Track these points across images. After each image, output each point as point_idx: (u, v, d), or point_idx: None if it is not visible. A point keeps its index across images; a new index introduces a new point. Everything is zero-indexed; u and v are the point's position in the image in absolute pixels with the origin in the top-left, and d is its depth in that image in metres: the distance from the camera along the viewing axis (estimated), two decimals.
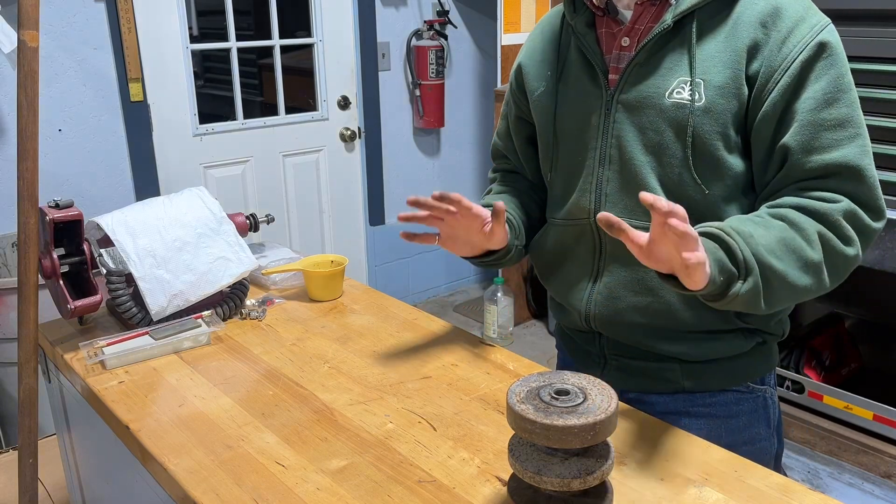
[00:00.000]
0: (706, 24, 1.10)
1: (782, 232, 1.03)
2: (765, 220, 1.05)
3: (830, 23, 1.11)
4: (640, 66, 1.14)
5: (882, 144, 2.31)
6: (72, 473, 1.81)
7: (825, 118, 1.06)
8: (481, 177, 4.27)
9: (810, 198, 1.06)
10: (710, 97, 1.09)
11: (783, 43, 1.06)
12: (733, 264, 1.00)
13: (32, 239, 1.50)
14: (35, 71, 1.45)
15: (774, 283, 1.02)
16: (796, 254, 1.03)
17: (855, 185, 1.07)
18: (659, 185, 1.14)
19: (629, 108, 1.15)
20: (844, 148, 1.06)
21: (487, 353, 1.49)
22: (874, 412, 2.56)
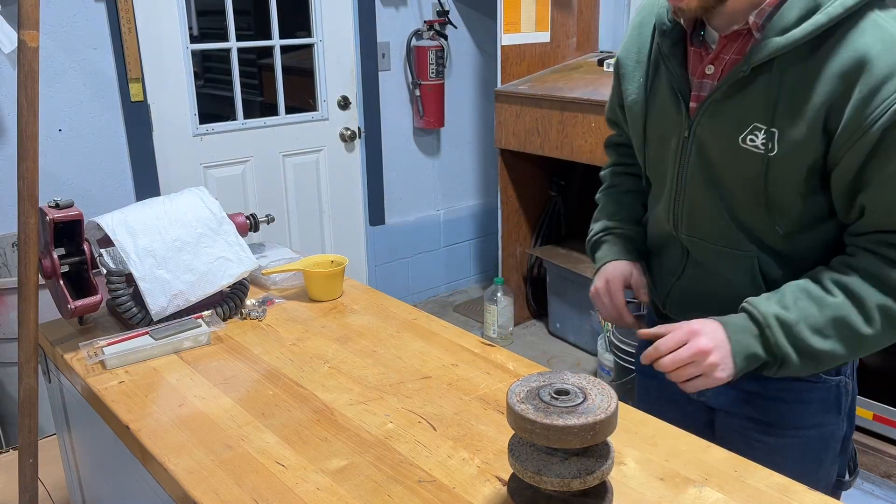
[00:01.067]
0: (787, 71, 1.03)
1: (837, 310, 1.06)
2: (822, 297, 1.07)
3: None
4: (717, 103, 1.11)
5: None
6: (72, 473, 1.81)
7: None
8: (481, 177, 4.27)
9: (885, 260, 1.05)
10: (783, 148, 1.05)
11: (865, 103, 0.98)
12: (767, 352, 1.08)
13: (32, 239, 1.50)
14: (35, 71, 1.45)
15: (823, 358, 1.07)
16: (849, 330, 1.06)
17: None
18: (730, 220, 1.16)
19: (704, 140, 1.14)
20: None
21: (487, 353, 1.49)
22: (874, 412, 2.56)
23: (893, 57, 0.97)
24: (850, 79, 0.99)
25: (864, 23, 0.99)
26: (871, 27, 0.99)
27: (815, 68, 1.01)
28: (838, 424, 1.27)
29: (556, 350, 3.63)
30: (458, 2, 3.84)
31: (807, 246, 1.16)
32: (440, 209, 4.15)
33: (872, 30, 0.98)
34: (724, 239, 1.18)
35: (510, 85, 3.42)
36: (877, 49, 0.97)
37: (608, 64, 3.28)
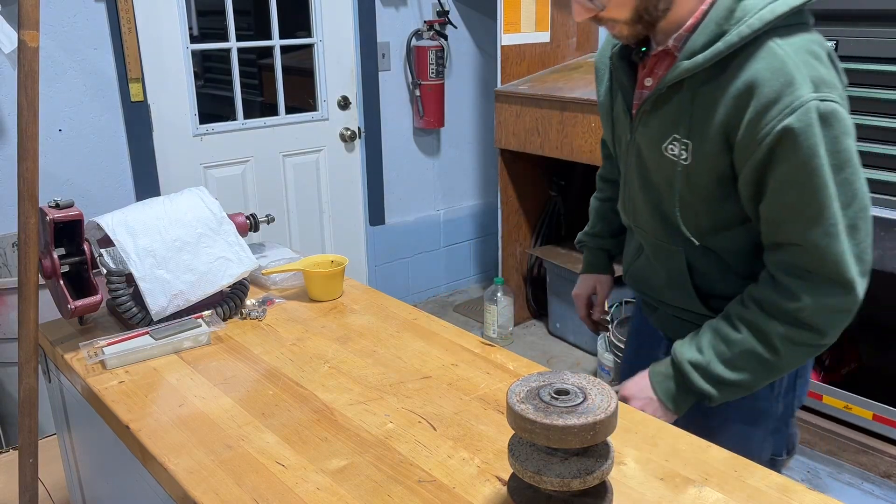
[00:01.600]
0: (697, 91, 1.14)
1: (743, 345, 1.19)
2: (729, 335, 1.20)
3: (809, 101, 1.05)
4: (647, 114, 1.23)
5: (882, 144, 2.31)
6: (72, 473, 1.81)
7: (787, 201, 1.11)
8: (481, 177, 4.27)
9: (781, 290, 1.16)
10: (696, 159, 1.17)
11: (753, 123, 1.08)
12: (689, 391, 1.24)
13: (33, 239, 1.50)
14: (35, 71, 1.45)
15: (742, 385, 1.22)
16: (756, 361, 1.19)
17: (819, 264, 1.14)
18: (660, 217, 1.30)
19: (641, 145, 1.27)
20: (806, 232, 1.12)
21: (487, 353, 1.49)
22: (874, 412, 2.56)
23: (779, 82, 1.06)
24: (743, 101, 1.09)
25: (761, 50, 1.08)
26: (766, 54, 1.07)
27: (718, 89, 1.11)
28: (770, 403, 1.36)
29: (556, 350, 3.63)
30: (458, 2, 3.84)
31: (726, 245, 1.26)
32: (440, 209, 4.15)
33: (766, 56, 1.07)
34: (657, 233, 1.32)
35: (510, 85, 3.42)
36: (765, 75, 1.06)
37: None
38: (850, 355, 2.99)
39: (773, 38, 1.08)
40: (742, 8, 1.09)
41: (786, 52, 1.07)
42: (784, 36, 1.09)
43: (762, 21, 1.07)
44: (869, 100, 2.31)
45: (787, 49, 1.07)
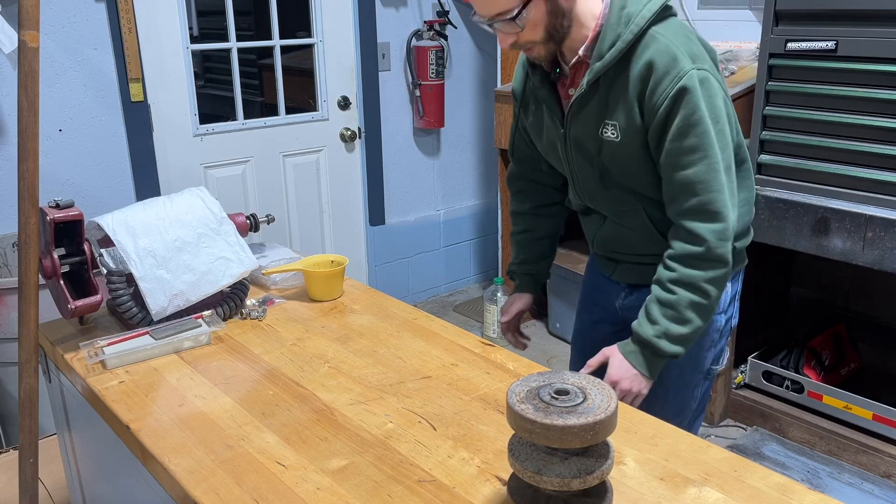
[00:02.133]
0: (611, 82, 1.44)
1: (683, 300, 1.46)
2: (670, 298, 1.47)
3: (692, 69, 1.38)
4: (577, 113, 1.51)
5: (882, 144, 2.31)
6: (72, 473, 1.81)
7: (681, 146, 1.41)
8: (481, 177, 4.27)
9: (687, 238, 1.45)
10: (623, 134, 1.46)
11: (653, 93, 1.40)
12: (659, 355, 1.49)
13: (33, 239, 1.50)
14: (35, 71, 1.45)
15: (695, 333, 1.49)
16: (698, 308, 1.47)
17: (706, 198, 1.42)
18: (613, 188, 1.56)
19: (578, 137, 1.53)
20: (696, 169, 1.41)
21: (487, 353, 1.49)
22: (874, 412, 2.56)
23: (666, 60, 1.38)
24: (644, 79, 1.40)
25: (647, 38, 1.40)
26: (652, 42, 1.40)
27: (625, 76, 1.42)
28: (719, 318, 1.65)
29: (556, 350, 3.63)
30: (458, 2, 3.84)
31: None
32: (440, 209, 4.15)
33: (653, 43, 1.39)
34: (616, 201, 1.58)
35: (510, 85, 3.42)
36: (656, 57, 1.38)
37: None
38: (850, 356, 2.99)
39: (654, 28, 1.40)
40: (627, 14, 1.41)
41: (666, 37, 1.40)
42: (660, 25, 1.41)
43: (645, 19, 1.40)
44: (869, 100, 2.32)
45: (667, 34, 1.40)
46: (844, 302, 3.17)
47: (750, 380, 2.90)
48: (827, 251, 2.42)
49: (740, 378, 2.91)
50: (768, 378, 2.84)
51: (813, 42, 2.39)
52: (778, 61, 2.49)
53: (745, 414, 2.91)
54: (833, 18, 2.36)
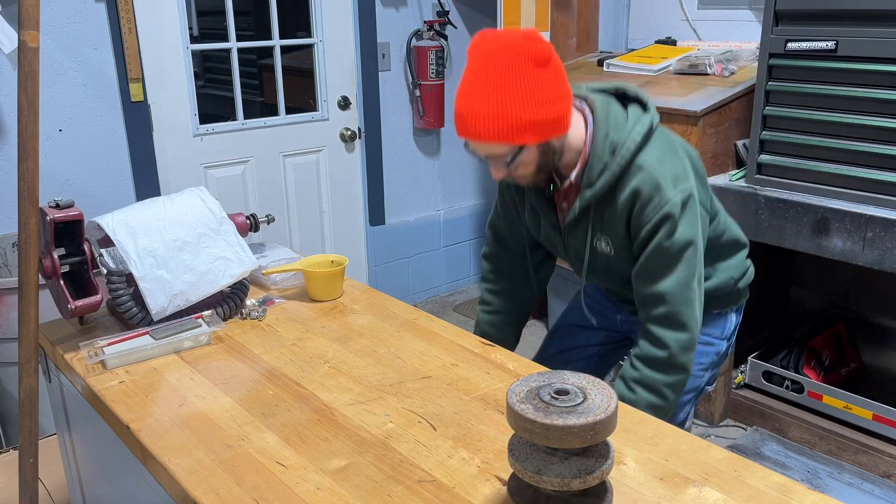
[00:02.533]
0: (602, 206, 1.56)
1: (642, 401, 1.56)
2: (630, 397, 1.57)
3: (674, 197, 1.48)
4: (572, 229, 1.64)
5: (882, 144, 2.31)
6: (72, 473, 1.81)
7: (658, 261, 1.53)
8: (481, 177, 4.27)
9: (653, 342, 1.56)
10: (616, 247, 1.59)
11: (639, 216, 1.51)
12: None
13: (33, 239, 1.50)
14: (35, 71, 1.45)
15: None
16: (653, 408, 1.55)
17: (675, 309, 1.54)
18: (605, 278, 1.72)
19: (574, 247, 1.68)
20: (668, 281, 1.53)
21: (487, 353, 1.49)
22: (874, 412, 2.56)
23: (650, 189, 1.48)
24: (630, 205, 1.51)
25: (633, 168, 1.50)
26: (637, 170, 1.49)
27: (614, 201, 1.54)
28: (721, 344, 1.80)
29: None
30: (458, 2, 3.84)
31: None
32: (440, 209, 4.15)
33: (638, 172, 1.49)
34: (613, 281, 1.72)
35: None
36: (641, 186, 1.49)
37: (608, 64, 3.28)
38: (850, 356, 2.99)
39: (639, 157, 1.50)
40: (612, 143, 1.50)
41: (651, 165, 1.49)
42: (645, 151, 1.50)
43: (630, 151, 1.49)
44: (869, 100, 2.32)
45: (651, 160, 1.49)
46: (844, 302, 3.17)
47: (750, 380, 2.90)
48: (827, 251, 2.42)
49: (740, 378, 2.91)
50: (768, 378, 2.84)
51: (813, 42, 2.39)
52: (778, 61, 2.49)
53: (745, 414, 2.91)
54: (833, 18, 2.35)
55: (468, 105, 1.43)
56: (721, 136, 2.73)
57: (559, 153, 1.51)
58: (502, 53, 1.41)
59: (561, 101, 1.45)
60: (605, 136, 1.50)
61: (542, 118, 1.42)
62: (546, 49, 1.43)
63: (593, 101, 1.53)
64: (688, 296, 1.54)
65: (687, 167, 1.54)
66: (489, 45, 1.43)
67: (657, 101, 2.77)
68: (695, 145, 2.65)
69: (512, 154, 1.45)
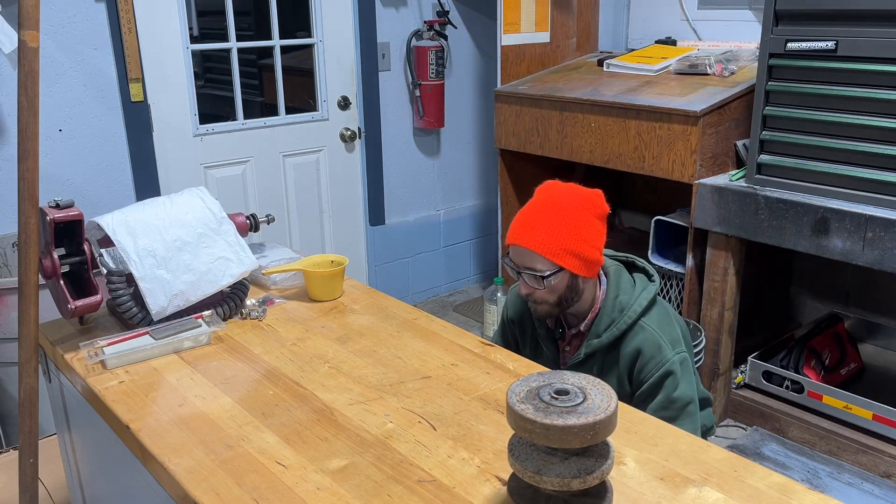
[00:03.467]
0: (605, 355, 1.72)
1: None
2: None
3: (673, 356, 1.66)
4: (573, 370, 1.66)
5: (882, 144, 2.31)
6: (72, 473, 1.81)
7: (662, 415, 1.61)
8: (481, 177, 4.27)
9: None
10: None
11: (640, 372, 1.68)
12: None
13: (33, 239, 1.50)
14: (35, 71, 1.45)
15: None
16: None
17: None
18: None
19: None
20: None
21: (487, 353, 1.49)
22: (874, 412, 2.56)
23: (652, 349, 1.66)
24: (632, 361, 1.68)
25: (637, 328, 1.68)
26: (640, 330, 1.68)
27: (617, 354, 1.70)
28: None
29: None
30: (458, 2, 3.84)
31: None
32: (440, 209, 4.15)
33: (641, 332, 1.68)
34: None
35: (510, 85, 3.42)
36: (644, 345, 1.66)
37: (608, 64, 3.28)
38: (850, 356, 2.99)
39: (643, 319, 1.68)
40: (620, 303, 1.70)
41: (652, 328, 1.68)
42: (648, 315, 1.69)
43: (636, 313, 1.68)
44: (869, 100, 2.32)
45: (652, 324, 1.68)
46: (844, 302, 3.17)
47: (750, 380, 2.90)
48: (827, 251, 2.42)
49: (740, 378, 2.91)
50: (768, 378, 2.84)
51: (813, 42, 2.39)
52: (778, 61, 2.49)
53: (745, 414, 2.91)
54: (833, 18, 2.35)
55: (531, 219, 1.65)
56: (721, 136, 2.73)
57: (577, 296, 1.69)
58: (573, 197, 1.66)
59: (600, 253, 1.67)
60: (615, 297, 1.70)
61: (587, 256, 1.62)
62: (607, 210, 1.69)
63: (608, 266, 1.75)
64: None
65: (679, 335, 1.74)
66: (561, 188, 1.70)
67: (657, 101, 2.77)
68: (695, 145, 2.65)
69: (550, 272, 1.61)
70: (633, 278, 1.77)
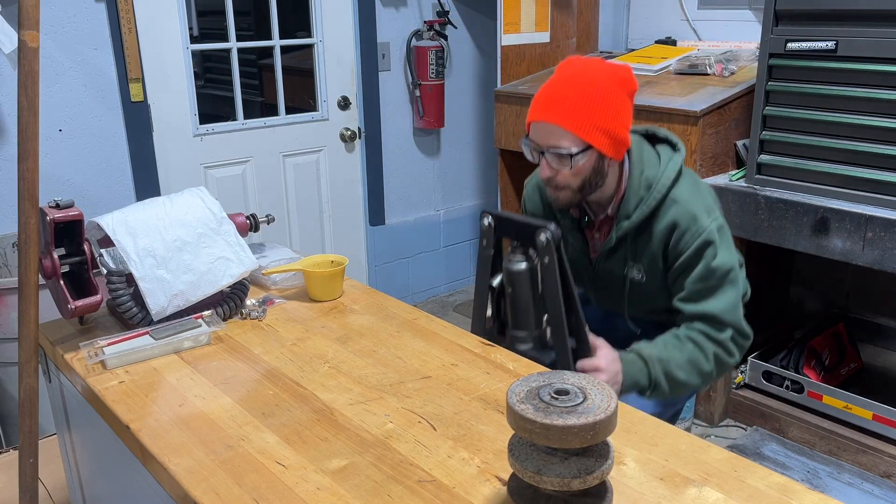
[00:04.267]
0: (636, 237, 1.68)
1: (692, 353, 1.64)
2: (680, 346, 1.65)
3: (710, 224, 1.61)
4: (605, 258, 1.75)
5: (882, 144, 2.31)
6: (72, 473, 1.81)
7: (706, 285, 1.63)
8: (481, 177, 4.27)
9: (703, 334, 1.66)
10: (648, 275, 1.71)
11: (676, 246, 1.64)
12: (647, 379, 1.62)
13: (33, 239, 1.50)
14: (35, 71, 1.45)
15: (681, 386, 1.65)
16: (697, 367, 1.65)
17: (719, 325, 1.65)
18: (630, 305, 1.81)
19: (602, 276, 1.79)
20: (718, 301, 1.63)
21: (487, 353, 1.49)
22: (874, 412, 2.56)
23: (687, 220, 1.61)
24: (667, 236, 1.64)
25: (668, 202, 1.63)
26: (672, 204, 1.62)
27: (649, 232, 1.66)
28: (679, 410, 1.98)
29: None
30: (458, 2, 3.84)
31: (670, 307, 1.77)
32: (440, 209, 4.15)
33: (673, 206, 1.62)
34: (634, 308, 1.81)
35: (510, 85, 3.42)
36: (678, 217, 1.61)
37: None
38: (850, 356, 2.99)
39: (673, 192, 1.63)
40: (647, 178, 1.63)
41: (684, 198, 1.62)
42: (678, 187, 1.63)
43: (665, 186, 1.61)
44: (869, 100, 2.32)
45: (684, 194, 1.63)
46: (844, 302, 3.17)
47: (750, 380, 2.90)
48: (827, 251, 2.42)
49: (740, 378, 2.91)
50: (768, 378, 2.84)
51: (813, 42, 2.39)
52: (778, 61, 2.49)
53: (745, 414, 2.91)
54: (833, 18, 2.35)
55: (557, 93, 1.51)
56: (721, 136, 2.73)
57: (601, 181, 1.61)
58: (602, 72, 1.55)
59: (628, 132, 1.58)
60: (641, 174, 1.62)
61: (616, 135, 1.53)
62: (636, 87, 1.60)
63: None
64: (737, 314, 1.66)
65: (713, 201, 1.67)
66: (588, 63, 1.57)
67: (657, 101, 2.77)
68: (695, 145, 2.65)
69: (579, 149, 1.51)
70: (657, 151, 1.67)
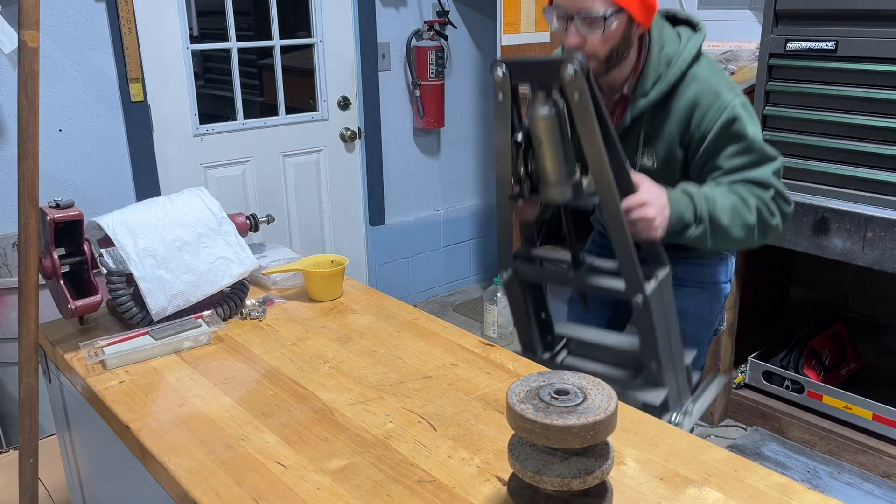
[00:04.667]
0: (653, 117, 1.60)
1: (734, 201, 1.55)
2: (724, 192, 1.55)
3: (735, 100, 1.54)
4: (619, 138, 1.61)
5: (882, 144, 2.31)
6: (72, 473, 1.81)
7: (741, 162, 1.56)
8: (481, 177, 4.27)
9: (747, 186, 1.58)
10: (660, 161, 1.63)
11: (699, 125, 1.56)
12: (692, 214, 1.51)
13: (33, 239, 1.50)
14: (35, 71, 1.45)
15: (721, 231, 1.54)
16: (740, 216, 1.55)
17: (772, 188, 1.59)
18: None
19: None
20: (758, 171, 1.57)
21: (487, 353, 1.49)
22: (874, 412, 2.56)
23: (710, 96, 1.55)
24: (689, 114, 1.57)
25: (689, 78, 1.57)
26: (693, 80, 1.56)
27: (667, 112, 1.59)
28: (726, 286, 1.86)
29: None
30: (458, 2, 3.84)
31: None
32: (440, 209, 4.15)
33: (693, 82, 1.56)
34: None
35: None
36: (700, 94, 1.55)
37: None
38: (850, 356, 2.99)
39: (692, 69, 1.57)
40: (666, 55, 1.57)
41: (705, 74, 1.57)
42: (699, 64, 1.58)
43: (686, 62, 1.56)
44: (869, 100, 2.32)
45: (705, 72, 1.57)
46: (844, 302, 3.17)
47: (750, 380, 2.90)
48: (827, 251, 2.42)
49: (740, 378, 2.91)
50: (768, 378, 2.84)
51: (813, 42, 2.39)
52: (778, 61, 2.49)
53: (745, 414, 2.91)
54: (833, 18, 2.35)
55: None
56: None
57: (627, 51, 1.55)
58: None
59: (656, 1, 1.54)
60: (660, 50, 1.56)
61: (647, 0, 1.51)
62: None
63: None
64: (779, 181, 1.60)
65: (734, 82, 1.60)
66: None
67: None
68: None
69: (612, 11, 1.46)
70: (677, 31, 1.63)
